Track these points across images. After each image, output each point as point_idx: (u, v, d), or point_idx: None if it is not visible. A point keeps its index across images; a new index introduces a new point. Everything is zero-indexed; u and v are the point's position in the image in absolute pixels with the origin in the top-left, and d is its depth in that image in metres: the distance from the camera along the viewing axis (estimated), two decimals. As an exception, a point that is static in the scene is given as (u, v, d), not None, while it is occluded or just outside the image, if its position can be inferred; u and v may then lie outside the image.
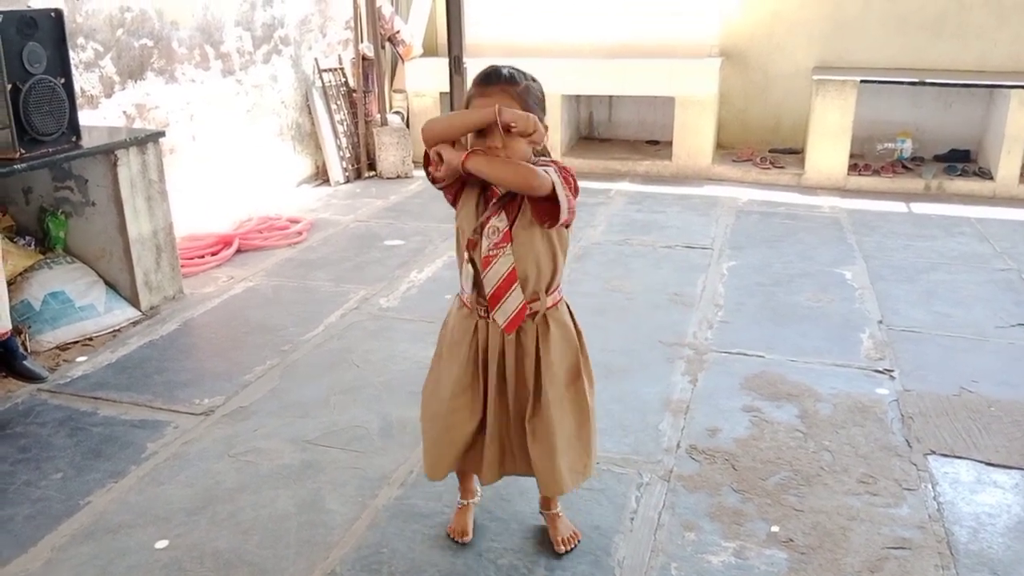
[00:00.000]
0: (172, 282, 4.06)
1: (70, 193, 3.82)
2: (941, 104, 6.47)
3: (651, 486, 2.55)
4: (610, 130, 7.44)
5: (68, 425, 2.93)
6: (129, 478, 2.62)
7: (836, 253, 4.71)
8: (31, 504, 2.49)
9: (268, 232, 5.04)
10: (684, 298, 4.04)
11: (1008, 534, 2.33)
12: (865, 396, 3.09)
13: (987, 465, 2.66)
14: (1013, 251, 4.73)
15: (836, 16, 6.51)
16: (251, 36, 5.56)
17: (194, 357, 3.52)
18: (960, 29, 6.29)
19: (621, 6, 6.88)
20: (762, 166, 6.44)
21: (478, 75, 1.96)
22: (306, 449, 2.76)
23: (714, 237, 5.01)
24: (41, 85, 3.30)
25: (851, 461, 2.68)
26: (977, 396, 3.09)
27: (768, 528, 2.35)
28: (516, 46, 7.12)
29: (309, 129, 6.33)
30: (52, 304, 3.59)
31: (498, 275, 1.98)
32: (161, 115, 4.80)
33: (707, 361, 3.38)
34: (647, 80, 6.53)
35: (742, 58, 6.80)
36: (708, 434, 2.84)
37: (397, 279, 4.34)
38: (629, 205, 5.76)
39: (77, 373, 3.32)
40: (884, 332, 3.64)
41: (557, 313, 2.07)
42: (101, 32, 4.32)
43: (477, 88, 1.93)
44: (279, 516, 2.42)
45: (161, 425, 2.93)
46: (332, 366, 3.36)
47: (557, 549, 2.26)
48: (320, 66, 6.29)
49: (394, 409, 3.01)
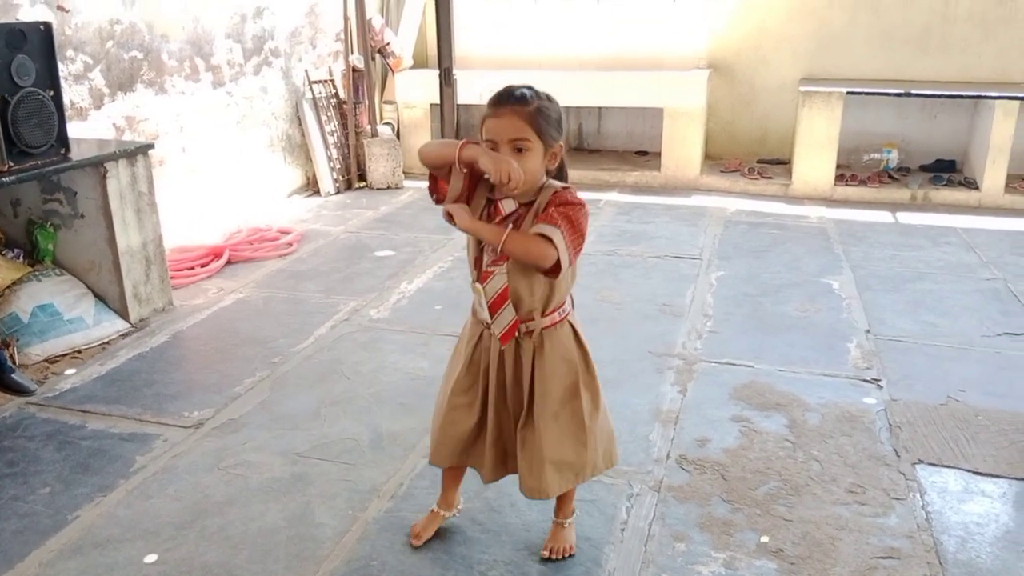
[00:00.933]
0: (161, 294, 4.05)
1: (59, 205, 3.81)
2: (926, 115, 6.53)
3: (641, 496, 2.56)
4: (599, 141, 7.48)
5: (56, 439, 2.91)
6: (118, 492, 2.60)
7: (823, 263, 4.74)
8: (19, 519, 2.47)
9: (258, 243, 5.04)
10: (673, 308, 4.06)
11: (996, 543, 2.34)
12: (853, 406, 3.11)
13: (975, 474, 2.67)
14: (999, 260, 4.77)
15: (822, 30, 6.58)
16: (241, 48, 5.57)
17: (183, 369, 3.51)
18: (944, 42, 6.36)
19: (610, 19, 6.93)
20: (750, 176, 6.48)
21: (492, 95, 1.94)
22: (296, 462, 2.76)
23: (703, 247, 5.04)
24: (30, 98, 3.30)
25: (840, 471, 2.69)
26: (964, 405, 3.11)
27: (758, 538, 2.36)
28: (506, 58, 7.16)
29: (299, 140, 6.34)
30: (41, 317, 3.57)
31: (494, 290, 2.01)
32: (151, 127, 4.80)
33: (696, 371, 3.40)
34: (636, 92, 6.57)
35: (729, 70, 6.86)
36: (698, 444, 2.85)
37: (387, 290, 4.34)
38: (618, 215, 5.78)
39: (66, 386, 3.31)
40: (871, 342, 3.67)
41: (556, 333, 2.08)
42: (91, 44, 4.32)
43: (489, 109, 1.93)
44: (269, 530, 2.41)
45: (150, 438, 2.92)
46: (322, 378, 3.36)
47: (541, 553, 2.27)
48: (310, 78, 6.30)
49: (384, 421, 3.01)
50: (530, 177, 1.91)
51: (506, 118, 1.88)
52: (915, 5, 6.35)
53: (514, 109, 1.89)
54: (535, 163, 1.92)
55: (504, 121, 1.88)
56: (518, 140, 1.88)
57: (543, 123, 1.91)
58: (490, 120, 1.91)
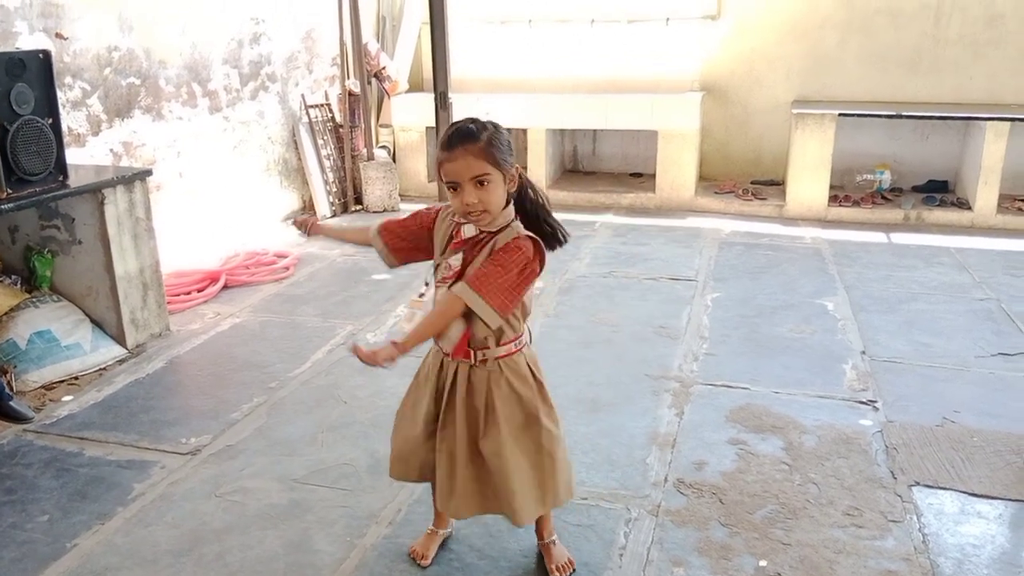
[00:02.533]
0: (158, 319, 4.05)
1: (57, 232, 3.83)
2: (919, 136, 6.59)
3: (639, 521, 2.56)
4: (594, 163, 7.53)
5: (54, 466, 2.91)
6: (115, 519, 2.60)
7: (818, 284, 4.76)
8: (17, 547, 2.47)
9: (255, 267, 5.05)
10: (669, 330, 4.07)
11: (992, 565, 2.35)
12: (849, 427, 3.12)
13: (971, 496, 2.68)
14: (992, 280, 4.80)
15: (813, 53, 6.65)
16: (238, 73, 5.61)
17: (180, 395, 3.51)
18: (935, 65, 6.43)
19: (604, 42, 6.99)
20: (744, 198, 6.53)
21: (440, 138, 2.00)
22: (294, 488, 2.76)
23: (698, 269, 5.06)
24: (29, 126, 3.32)
25: (836, 493, 2.70)
26: (959, 426, 3.12)
27: (756, 562, 2.36)
28: (501, 81, 7.22)
29: (296, 164, 6.37)
30: (38, 343, 3.57)
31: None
32: (148, 152, 4.82)
33: (693, 394, 3.41)
34: (630, 114, 6.63)
35: (723, 93, 6.92)
36: (695, 468, 2.86)
37: (384, 314, 4.35)
38: (614, 237, 5.81)
39: (63, 413, 3.31)
40: (867, 363, 3.68)
41: (512, 363, 2.11)
42: (89, 71, 4.36)
43: (442, 152, 1.97)
44: (267, 557, 2.41)
45: (147, 465, 2.91)
46: (319, 403, 3.36)
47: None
48: (307, 102, 6.35)
49: (382, 446, 3.00)
50: (495, 206, 1.98)
51: (461, 159, 1.93)
52: (906, 28, 6.43)
53: (466, 148, 1.93)
54: (499, 193, 1.98)
55: (460, 163, 1.93)
56: (478, 176, 1.94)
57: (496, 153, 1.96)
58: (446, 164, 1.96)
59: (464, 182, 1.93)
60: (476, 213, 1.96)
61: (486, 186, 1.94)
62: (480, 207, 1.95)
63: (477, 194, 1.94)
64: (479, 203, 1.94)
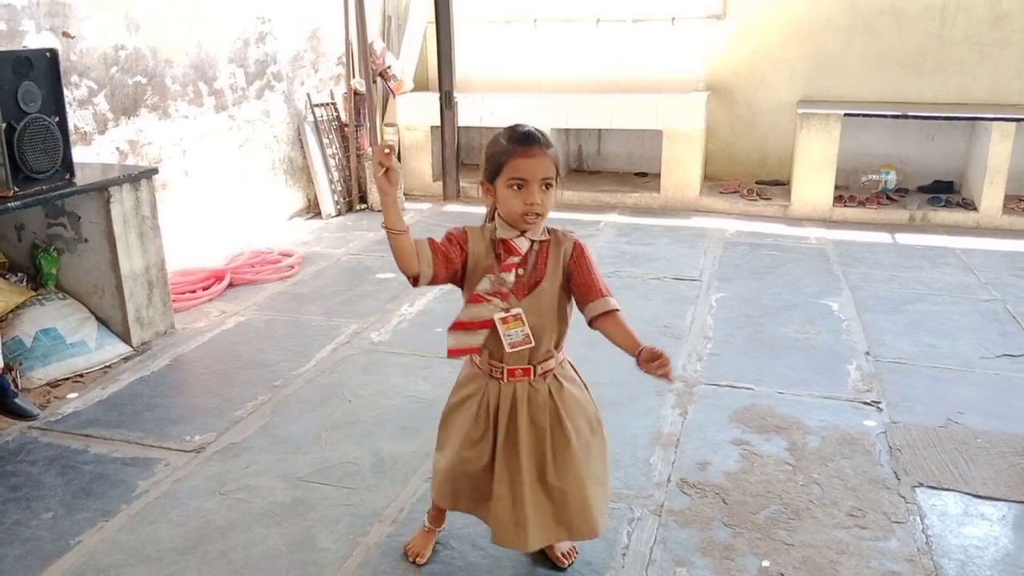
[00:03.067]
0: (164, 317, 4.07)
1: (63, 230, 3.84)
2: (924, 136, 6.58)
3: (642, 521, 2.56)
4: (599, 163, 7.53)
5: (59, 463, 2.92)
6: (120, 517, 2.61)
7: (822, 284, 4.76)
8: (21, 544, 2.48)
9: (260, 266, 5.06)
10: (674, 330, 4.07)
11: (996, 567, 2.35)
12: (853, 428, 3.11)
13: (974, 497, 2.68)
14: (997, 281, 4.79)
15: (818, 54, 6.65)
16: (244, 72, 5.62)
17: (185, 393, 3.53)
18: (940, 65, 6.42)
19: (610, 42, 6.99)
20: (749, 198, 6.52)
21: (513, 134, 2.00)
22: (298, 486, 2.76)
23: (702, 269, 5.06)
24: (35, 124, 3.34)
25: (840, 494, 2.70)
26: (963, 427, 3.12)
27: (759, 563, 2.36)
28: (506, 81, 7.23)
29: (301, 163, 6.38)
30: (43, 341, 3.59)
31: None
32: (154, 151, 4.84)
33: (696, 394, 3.41)
34: (635, 114, 6.63)
35: (728, 93, 6.92)
36: (698, 468, 2.86)
37: (388, 313, 4.36)
38: (618, 237, 5.81)
39: (68, 410, 3.32)
40: (871, 364, 3.68)
41: (563, 370, 2.16)
42: (95, 70, 4.37)
43: (517, 147, 1.97)
44: (271, 555, 2.41)
45: (152, 463, 2.93)
46: (323, 401, 3.37)
47: (560, 564, 2.31)
48: (312, 101, 6.36)
49: (386, 445, 3.02)
50: (547, 212, 2.03)
51: (538, 158, 1.97)
52: (911, 28, 6.42)
53: (544, 150, 1.99)
54: (552, 200, 2.03)
55: (536, 161, 1.97)
56: (548, 179, 1.99)
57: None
58: (521, 160, 1.97)
59: (534, 181, 1.96)
60: (532, 216, 1.98)
61: (548, 191, 1.99)
62: (539, 209, 1.98)
63: (540, 195, 1.97)
64: (540, 204, 1.98)
